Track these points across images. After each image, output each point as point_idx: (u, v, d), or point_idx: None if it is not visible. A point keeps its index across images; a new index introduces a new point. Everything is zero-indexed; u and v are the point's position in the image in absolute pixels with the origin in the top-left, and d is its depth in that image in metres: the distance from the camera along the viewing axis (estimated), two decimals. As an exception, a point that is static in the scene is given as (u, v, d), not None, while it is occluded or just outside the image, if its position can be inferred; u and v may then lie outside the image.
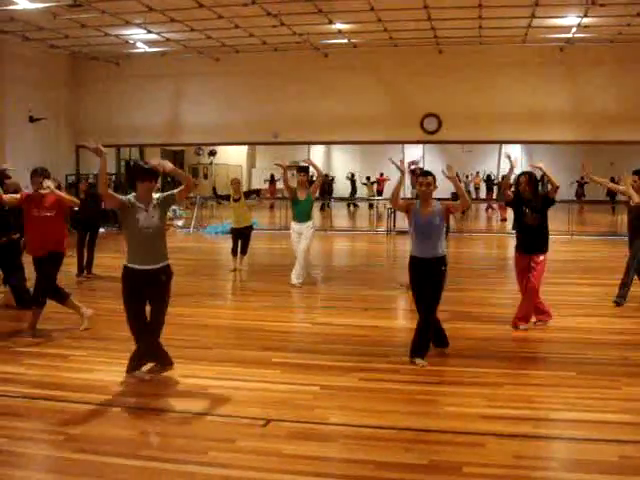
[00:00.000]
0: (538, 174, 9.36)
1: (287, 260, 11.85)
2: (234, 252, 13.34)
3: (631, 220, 10.01)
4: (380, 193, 30.40)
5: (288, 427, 5.52)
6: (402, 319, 10.04)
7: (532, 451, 5.10)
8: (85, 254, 12.78)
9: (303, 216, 11.82)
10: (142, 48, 19.97)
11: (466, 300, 10.57)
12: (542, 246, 8.57)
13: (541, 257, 8.53)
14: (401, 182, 7.42)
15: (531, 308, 8.72)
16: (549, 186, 8.82)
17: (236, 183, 13.59)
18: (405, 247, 18.11)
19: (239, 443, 5.20)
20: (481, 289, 11.82)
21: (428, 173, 7.29)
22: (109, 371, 6.91)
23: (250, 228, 13.57)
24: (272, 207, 30.06)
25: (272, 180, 30.61)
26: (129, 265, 6.52)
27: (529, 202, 8.54)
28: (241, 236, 13.34)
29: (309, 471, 4.76)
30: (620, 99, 18.94)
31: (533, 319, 8.81)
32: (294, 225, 11.97)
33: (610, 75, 18.99)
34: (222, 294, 11.85)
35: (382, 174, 30.63)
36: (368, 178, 31.02)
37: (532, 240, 8.56)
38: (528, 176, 8.65)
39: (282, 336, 8.60)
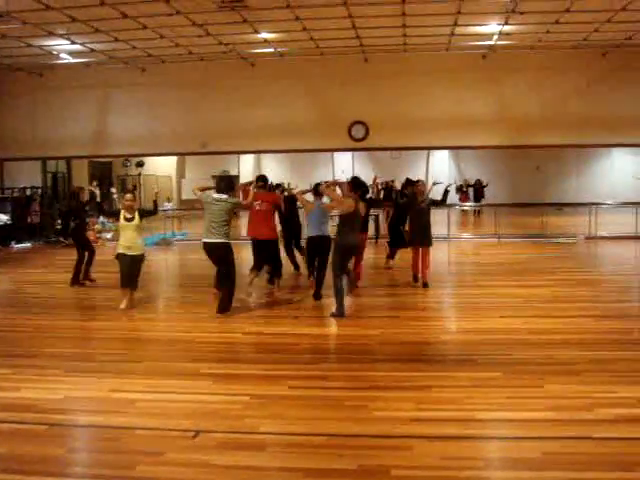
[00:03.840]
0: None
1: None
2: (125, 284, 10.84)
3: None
4: None
5: (218, 438, 5.50)
6: (332, 326, 10.08)
7: (459, 452, 5.20)
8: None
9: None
10: (66, 59, 19.60)
11: (396, 305, 10.69)
12: None
13: None
14: None
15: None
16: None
17: (131, 198, 11.10)
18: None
19: (168, 456, 5.16)
20: (410, 293, 11.94)
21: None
22: (35, 388, 6.78)
23: (143, 257, 11.03)
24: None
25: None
26: None
27: None
28: (132, 265, 10.78)
29: (239, 481, 4.76)
30: (541, 104, 19.45)
31: None
32: None
33: (531, 81, 19.50)
34: (150, 307, 11.58)
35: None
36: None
37: None
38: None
39: (212, 347, 8.56)
